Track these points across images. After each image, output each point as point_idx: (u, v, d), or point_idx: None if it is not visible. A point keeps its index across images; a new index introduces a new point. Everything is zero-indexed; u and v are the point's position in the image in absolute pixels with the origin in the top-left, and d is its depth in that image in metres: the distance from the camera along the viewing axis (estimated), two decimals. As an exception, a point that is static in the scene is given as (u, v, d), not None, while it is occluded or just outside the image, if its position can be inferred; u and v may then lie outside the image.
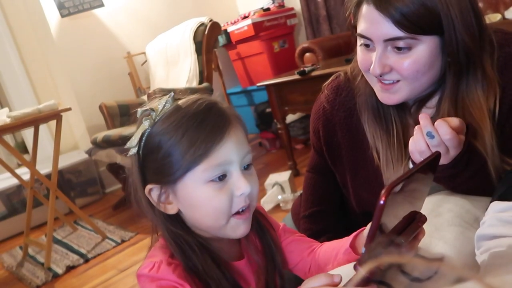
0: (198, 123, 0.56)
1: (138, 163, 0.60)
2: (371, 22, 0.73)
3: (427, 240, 0.65)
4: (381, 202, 0.42)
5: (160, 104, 0.59)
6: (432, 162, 0.54)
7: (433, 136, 0.64)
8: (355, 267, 0.45)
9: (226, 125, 0.57)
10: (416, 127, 0.67)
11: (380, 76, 0.76)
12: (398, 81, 0.76)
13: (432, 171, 0.56)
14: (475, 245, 0.60)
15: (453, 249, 0.63)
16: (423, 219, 0.55)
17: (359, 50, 0.81)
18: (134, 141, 0.59)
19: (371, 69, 0.76)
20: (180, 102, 0.59)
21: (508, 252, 0.52)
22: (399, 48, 0.73)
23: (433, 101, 0.82)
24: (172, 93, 0.59)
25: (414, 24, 0.69)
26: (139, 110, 0.59)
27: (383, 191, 0.42)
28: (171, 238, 0.60)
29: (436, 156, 0.54)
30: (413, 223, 0.53)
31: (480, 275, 0.53)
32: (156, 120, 0.58)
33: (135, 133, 0.59)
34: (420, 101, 0.83)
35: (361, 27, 0.77)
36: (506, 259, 0.51)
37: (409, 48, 0.72)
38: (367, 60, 0.78)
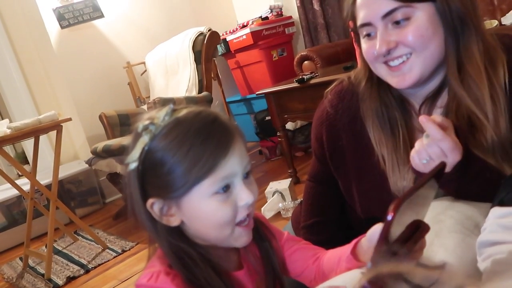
0: (203, 139, 0.55)
1: (138, 178, 0.58)
2: (367, 6, 0.77)
3: (428, 247, 0.65)
4: (389, 217, 0.41)
5: (159, 117, 0.57)
6: (438, 174, 0.54)
7: (428, 135, 0.66)
8: (363, 286, 0.44)
9: (230, 138, 0.57)
10: (418, 141, 0.69)
11: (388, 53, 0.77)
12: (407, 58, 0.77)
13: (435, 183, 0.56)
14: (476, 252, 0.60)
15: (454, 256, 0.63)
16: (427, 228, 0.54)
17: (363, 43, 0.82)
18: (134, 155, 0.57)
19: (377, 50, 0.77)
20: (180, 115, 0.58)
21: (510, 258, 0.52)
22: (398, 22, 0.75)
23: (441, 99, 0.82)
24: (171, 105, 0.58)
25: None
26: (141, 125, 0.57)
27: (391, 207, 0.41)
28: (172, 252, 0.59)
29: (442, 167, 0.54)
30: (417, 233, 0.52)
31: (481, 283, 0.53)
32: (156, 134, 0.56)
33: (135, 147, 0.57)
34: (430, 100, 0.83)
35: (360, 17, 0.79)
36: (508, 266, 0.51)
37: (407, 19, 0.75)
38: (371, 47, 0.79)
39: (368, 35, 0.80)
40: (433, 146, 0.67)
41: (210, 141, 0.55)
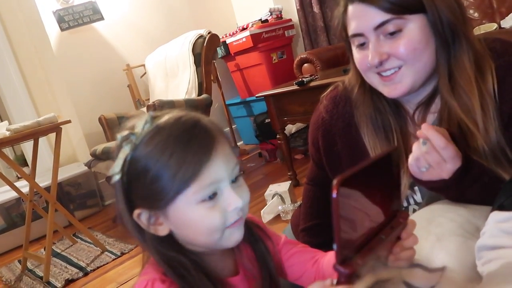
0: (184, 144, 0.54)
1: (123, 189, 0.57)
2: (359, 16, 0.77)
3: (429, 250, 0.65)
4: (334, 195, 0.45)
5: (139, 126, 0.56)
6: (386, 162, 0.52)
7: (425, 142, 0.66)
8: (335, 267, 0.45)
9: (212, 142, 0.55)
10: (415, 144, 0.68)
11: (381, 64, 0.77)
12: (399, 69, 0.77)
13: (393, 176, 0.54)
14: (475, 255, 0.60)
15: (454, 259, 0.62)
16: (404, 215, 0.54)
17: (356, 53, 0.82)
18: (116, 167, 0.56)
19: (369, 60, 0.77)
20: (160, 121, 0.56)
21: (510, 263, 0.52)
22: (391, 34, 0.75)
23: (435, 105, 0.82)
24: (151, 112, 0.57)
25: (398, 5, 0.73)
26: (119, 136, 0.56)
27: (334, 184, 0.44)
28: (163, 261, 0.58)
29: (388, 154, 0.52)
30: (393, 220, 0.53)
31: (480, 287, 0.53)
32: (137, 143, 0.55)
33: (116, 159, 0.56)
34: (423, 105, 0.83)
35: (351, 28, 0.79)
36: (509, 270, 0.51)
37: (400, 30, 0.74)
38: (364, 57, 0.79)
39: (361, 45, 0.80)
40: (433, 153, 0.66)
41: (192, 145, 0.54)
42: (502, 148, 0.74)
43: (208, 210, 0.56)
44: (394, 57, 0.76)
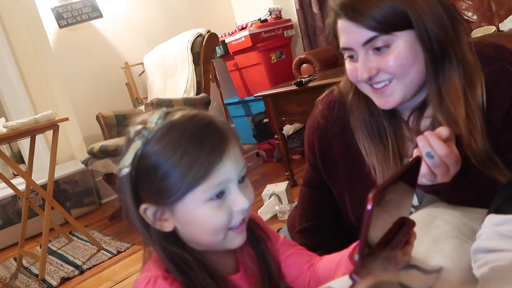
0: (197, 144, 0.54)
1: (131, 183, 0.57)
2: (347, 32, 0.77)
3: (425, 252, 0.65)
4: (369, 207, 0.43)
5: (152, 121, 0.55)
6: (413, 170, 0.55)
7: (432, 156, 0.65)
8: (351, 276, 0.45)
9: (224, 143, 0.56)
10: (415, 150, 0.68)
11: (370, 79, 0.78)
12: (389, 82, 0.77)
13: (412, 183, 0.56)
14: (471, 258, 0.60)
15: (450, 261, 0.63)
16: (412, 223, 0.55)
17: (347, 64, 0.83)
18: (127, 161, 0.56)
19: (359, 75, 0.78)
20: (174, 118, 0.56)
21: (506, 266, 0.52)
22: (378, 49, 0.75)
23: (429, 110, 0.82)
24: (164, 108, 0.57)
25: (385, 24, 0.73)
26: (132, 130, 0.56)
27: (370, 196, 0.43)
28: (167, 257, 0.59)
29: (417, 161, 0.55)
30: (403, 229, 0.54)
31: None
32: (149, 139, 0.55)
33: (127, 152, 0.56)
34: (417, 111, 0.83)
35: (341, 41, 0.80)
36: (504, 273, 0.51)
37: (387, 46, 0.75)
38: (354, 70, 0.80)
39: (350, 56, 0.80)
40: (443, 165, 0.66)
41: (205, 146, 0.54)
42: (492, 158, 0.74)
43: (215, 209, 0.56)
44: (383, 71, 0.76)
